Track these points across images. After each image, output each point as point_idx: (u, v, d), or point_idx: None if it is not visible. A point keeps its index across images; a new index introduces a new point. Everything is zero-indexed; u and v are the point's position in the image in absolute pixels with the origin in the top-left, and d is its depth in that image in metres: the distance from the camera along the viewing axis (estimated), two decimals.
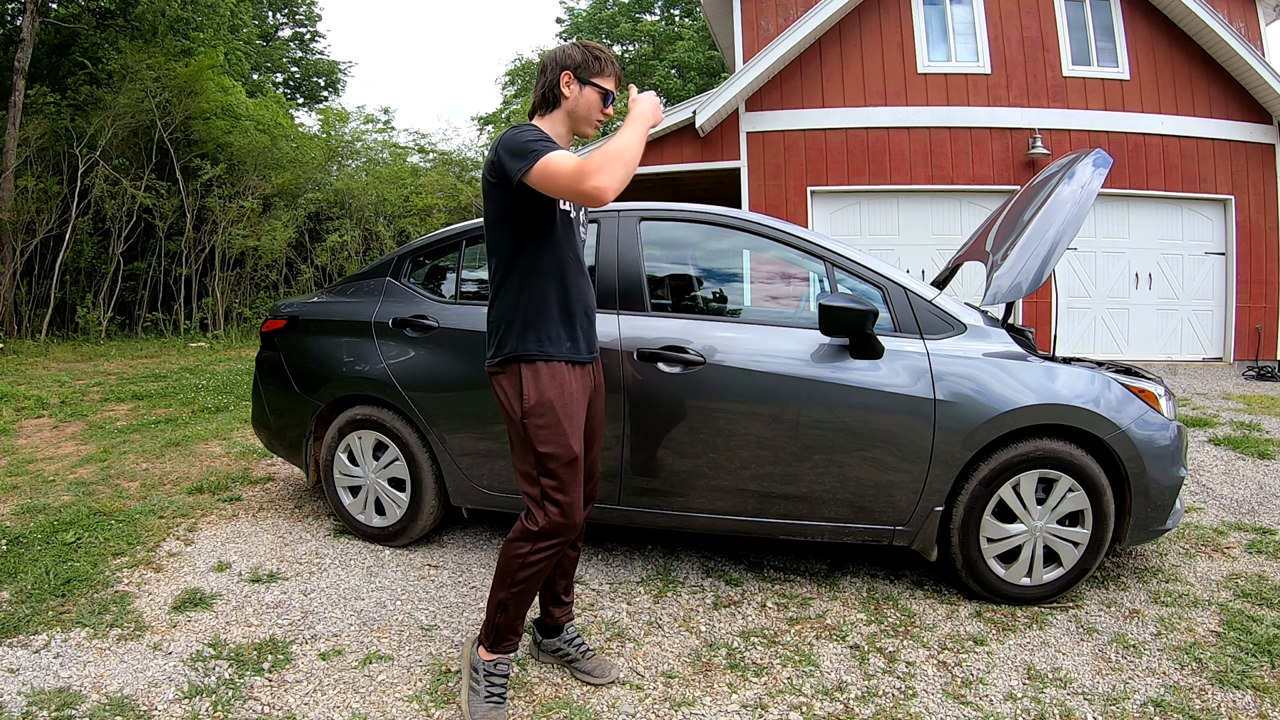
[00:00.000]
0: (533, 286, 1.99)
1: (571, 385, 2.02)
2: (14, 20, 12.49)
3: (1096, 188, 2.81)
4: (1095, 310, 9.18)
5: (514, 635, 2.07)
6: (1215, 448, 4.82)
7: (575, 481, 2.02)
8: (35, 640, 2.40)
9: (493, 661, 2.05)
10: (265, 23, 24.50)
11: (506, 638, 2.06)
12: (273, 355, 3.45)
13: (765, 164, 9.16)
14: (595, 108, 2.04)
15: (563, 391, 1.99)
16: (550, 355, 2.00)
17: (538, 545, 2.02)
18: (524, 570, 2.02)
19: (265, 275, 13.71)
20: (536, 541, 2.02)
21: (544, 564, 2.03)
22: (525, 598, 2.05)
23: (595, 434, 2.21)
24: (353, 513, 3.25)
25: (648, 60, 26.78)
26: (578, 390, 2.05)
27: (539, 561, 2.02)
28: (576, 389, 2.04)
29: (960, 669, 2.28)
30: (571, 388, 2.02)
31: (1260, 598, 2.71)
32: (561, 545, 2.04)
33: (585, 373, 2.09)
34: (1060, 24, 8.99)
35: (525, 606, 2.07)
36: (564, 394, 2.00)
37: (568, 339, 2.02)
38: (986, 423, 2.56)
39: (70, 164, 11.60)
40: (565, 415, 1.99)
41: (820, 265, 2.83)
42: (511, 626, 2.06)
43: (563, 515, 2.01)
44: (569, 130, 2.08)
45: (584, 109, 2.03)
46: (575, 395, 2.03)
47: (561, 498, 2.00)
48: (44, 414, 6.07)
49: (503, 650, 2.06)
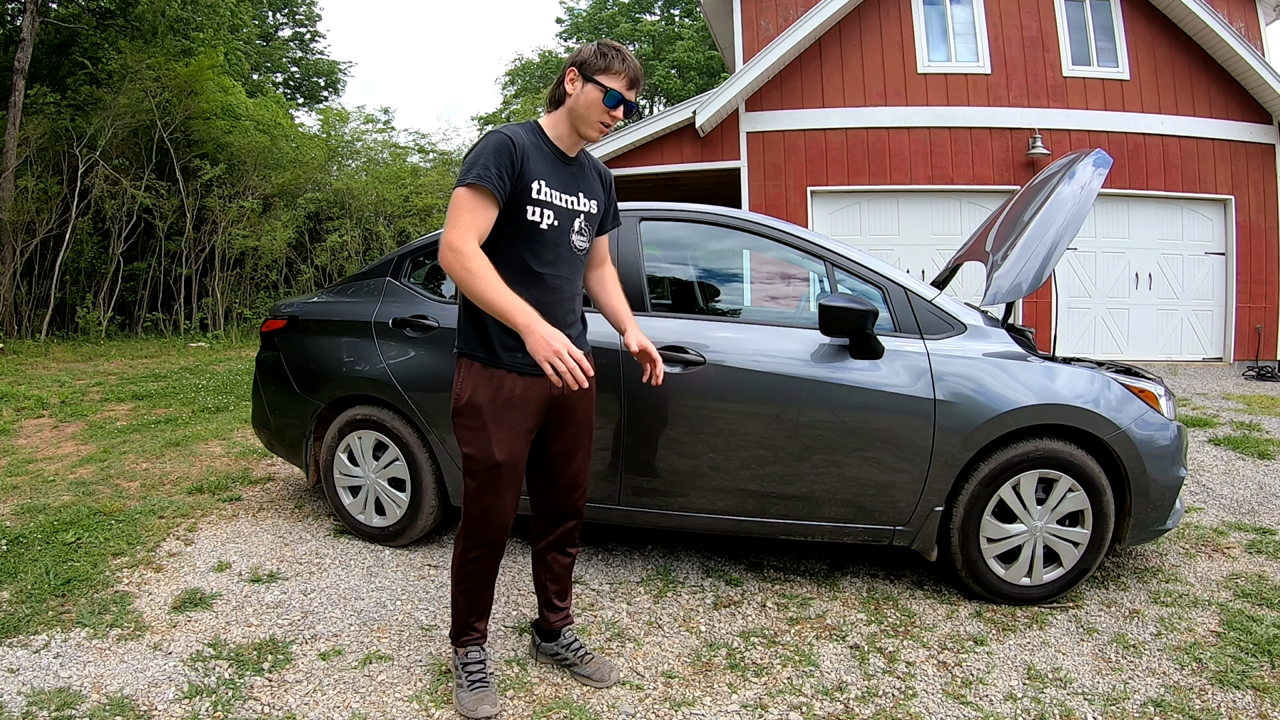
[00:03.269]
0: None
1: (512, 393, 1.96)
2: (14, 20, 12.49)
3: (1096, 188, 2.81)
4: (1095, 310, 9.18)
5: (472, 630, 2.12)
6: (1215, 448, 4.82)
7: (495, 489, 1.99)
8: (35, 640, 2.40)
9: (462, 654, 2.11)
10: (265, 23, 24.50)
11: (465, 632, 2.12)
12: (273, 355, 3.45)
13: (765, 164, 9.16)
14: (595, 107, 1.93)
15: (496, 398, 1.94)
16: (489, 360, 1.96)
17: (466, 545, 2.07)
18: (462, 569, 2.08)
19: (265, 275, 13.71)
20: (465, 541, 2.07)
21: (478, 565, 2.07)
22: (472, 595, 2.10)
23: (575, 446, 2.14)
24: (353, 513, 3.25)
25: (648, 60, 26.78)
26: (524, 399, 1.97)
27: (473, 562, 2.06)
28: (521, 398, 1.97)
29: (960, 669, 2.28)
30: (511, 396, 1.96)
31: (1260, 598, 2.71)
32: (488, 550, 2.05)
33: (540, 383, 1.98)
34: (1060, 24, 8.99)
35: (476, 604, 2.11)
36: (497, 400, 1.95)
37: (519, 348, 1.90)
38: (986, 423, 2.56)
39: (70, 164, 11.59)
40: (494, 421, 1.95)
41: (820, 265, 2.83)
42: (466, 622, 2.11)
43: (480, 519, 2.02)
44: (571, 130, 1.99)
45: (583, 107, 1.94)
46: (515, 404, 1.96)
47: (478, 502, 2.01)
48: (44, 414, 6.07)
49: (464, 644, 2.12)
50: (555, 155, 2.01)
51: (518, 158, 1.89)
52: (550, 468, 2.14)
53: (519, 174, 1.90)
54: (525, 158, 1.91)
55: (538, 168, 1.94)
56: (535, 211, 1.93)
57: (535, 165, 1.94)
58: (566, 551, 2.25)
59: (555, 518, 2.20)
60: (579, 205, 2.05)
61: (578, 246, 2.05)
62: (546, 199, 1.95)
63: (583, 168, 2.10)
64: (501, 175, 1.86)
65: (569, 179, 2.03)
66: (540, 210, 1.94)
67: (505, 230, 1.93)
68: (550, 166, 1.98)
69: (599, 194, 2.14)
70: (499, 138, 1.89)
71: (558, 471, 2.15)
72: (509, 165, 1.87)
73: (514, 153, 1.88)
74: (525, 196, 1.92)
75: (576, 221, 2.03)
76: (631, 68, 1.93)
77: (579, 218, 2.04)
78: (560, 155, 2.02)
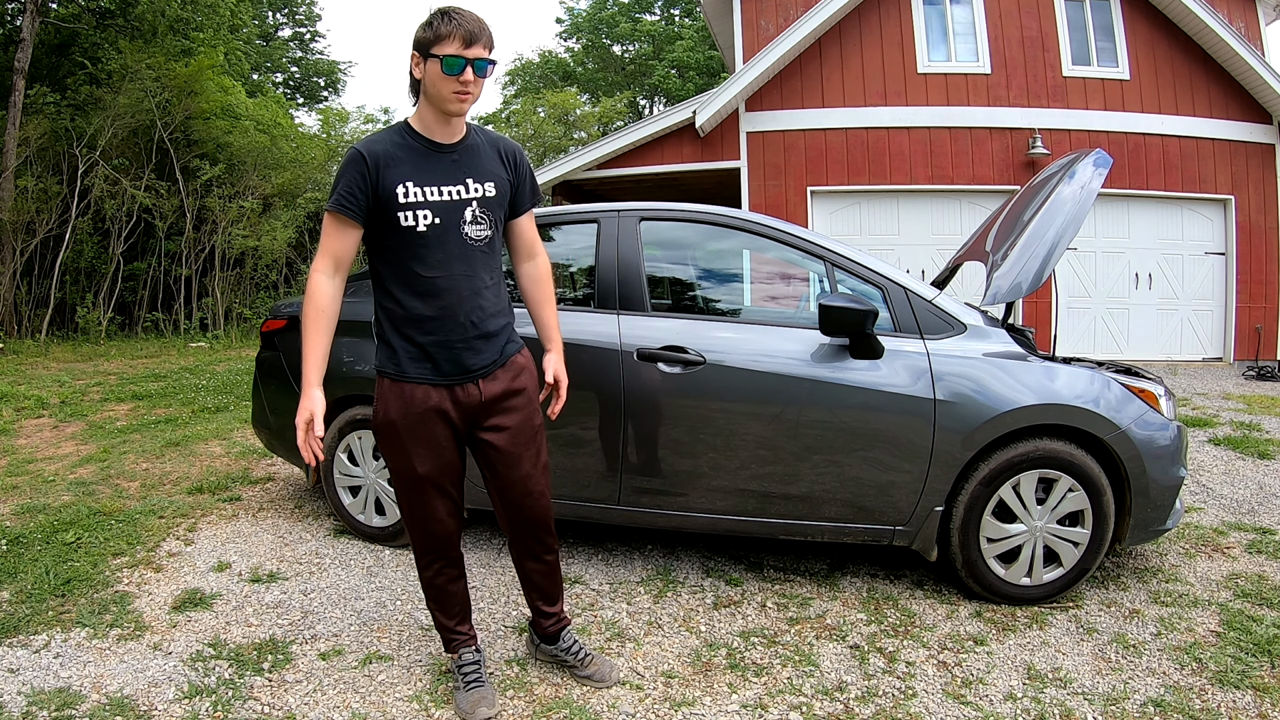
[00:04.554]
0: (383, 302, 1.97)
1: (425, 404, 1.92)
2: (14, 20, 12.49)
3: (1096, 188, 2.81)
4: (1095, 310, 9.18)
5: (456, 634, 2.14)
6: (1215, 448, 4.82)
7: (424, 502, 1.99)
8: (35, 640, 2.40)
9: (455, 658, 2.13)
10: (265, 23, 24.50)
11: (449, 639, 2.15)
12: (273, 355, 3.45)
13: (765, 164, 9.16)
14: (440, 80, 1.80)
15: (409, 412, 1.91)
16: (396, 375, 1.93)
17: (418, 560, 2.10)
18: (423, 582, 2.12)
19: (265, 275, 13.72)
20: (416, 557, 2.10)
21: (434, 576, 2.09)
22: (442, 604, 2.13)
23: (518, 451, 2.03)
24: (353, 513, 3.25)
25: (648, 60, 26.79)
26: (440, 409, 1.93)
27: (430, 571, 2.08)
28: (437, 408, 1.93)
29: (960, 669, 2.28)
30: (425, 408, 1.92)
31: (1260, 598, 2.70)
32: (439, 559, 2.06)
33: (456, 392, 1.94)
34: (1060, 24, 8.99)
35: (450, 611, 2.13)
36: (410, 415, 1.91)
37: (425, 359, 1.91)
38: (986, 423, 2.56)
39: (70, 164, 11.60)
40: (409, 436, 1.93)
41: (820, 265, 2.83)
42: (448, 628, 2.14)
43: (420, 533, 2.04)
44: (435, 114, 1.88)
45: (431, 85, 1.83)
46: (430, 415, 1.92)
47: (413, 516, 2.03)
48: (44, 414, 6.07)
49: (455, 648, 2.14)
50: (427, 148, 1.90)
51: (370, 169, 1.84)
52: (496, 477, 2.05)
53: (376, 184, 1.84)
54: (380, 166, 1.84)
55: (401, 170, 1.86)
56: (408, 215, 1.86)
57: (397, 169, 1.86)
58: (541, 559, 2.16)
59: (516, 527, 2.12)
60: (467, 193, 1.92)
61: (473, 237, 1.93)
62: (417, 199, 1.86)
63: (471, 150, 1.95)
64: (353, 194, 1.84)
65: (449, 169, 1.91)
66: (413, 213, 1.86)
67: (386, 242, 1.90)
68: (420, 163, 1.88)
69: (498, 173, 1.98)
70: (350, 155, 1.87)
71: (505, 480, 2.04)
72: (359, 181, 1.84)
73: (365, 166, 1.84)
74: (394, 203, 1.85)
75: (467, 211, 1.91)
76: (462, 25, 1.79)
77: (469, 207, 1.92)
78: (433, 146, 1.90)
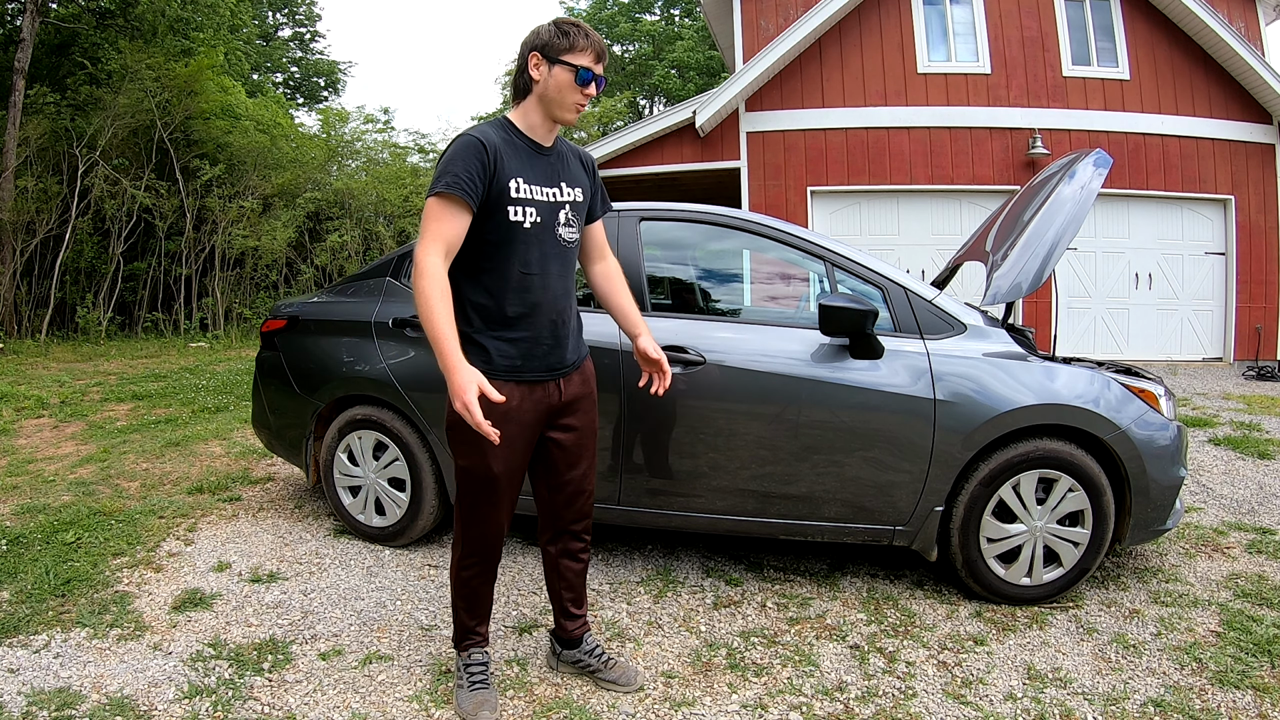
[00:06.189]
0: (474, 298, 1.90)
1: (509, 404, 1.86)
2: (14, 20, 12.49)
3: (1096, 188, 2.81)
4: (1095, 310, 9.18)
5: (474, 634, 2.13)
6: (1215, 448, 4.82)
7: (491, 503, 1.95)
8: (35, 640, 2.40)
9: (465, 656, 2.11)
10: (265, 23, 24.50)
11: (467, 636, 2.13)
12: (273, 355, 3.45)
13: (765, 164, 9.16)
14: (567, 88, 1.83)
15: (493, 410, 1.79)
16: (484, 370, 1.83)
17: (462, 555, 2.06)
18: (459, 578, 2.08)
19: (265, 275, 13.72)
20: (460, 550, 2.06)
21: (475, 574, 2.06)
22: (471, 602, 2.10)
23: (580, 452, 2.07)
24: (353, 513, 3.25)
25: (648, 60, 26.79)
26: (521, 410, 1.91)
27: (469, 569, 2.06)
28: (518, 409, 1.90)
29: (960, 669, 2.28)
30: (508, 407, 1.86)
31: (1260, 598, 2.71)
32: (483, 560, 2.04)
33: (537, 391, 1.94)
34: (1060, 24, 8.99)
35: (476, 610, 2.11)
36: (494, 413, 1.80)
37: (515, 357, 1.89)
38: (986, 423, 2.56)
39: (70, 164, 11.59)
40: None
41: (820, 265, 2.83)
42: (467, 626, 2.12)
43: (475, 532, 2.01)
44: (545, 117, 1.90)
45: (554, 91, 1.84)
46: (512, 415, 1.88)
47: (474, 515, 1.99)
48: (44, 414, 6.07)
49: (467, 648, 2.12)
50: (530, 148, 1.92)
51: (490, 158, 1.81)
52: (554, 475, 2.07)
53: (494, 175, 1.82)
54: (499, 157, 1.83)
55: (513, 165, 1.86)
56: (518, 211, 1.86)
57: (510, 163, 1.85)
58: (578, 558, 2.18)
59: (562, 524, 2.14)
60: (562, 196, 1.95)
61: (566, 240, 1.97)
62: (527, 196, 1.87)
63: (561, 156, 2.00)
64: (473, 179, 1.78)
65: (548, 170, 1.94)
66: (522, 209, 1.86)
67: (488, 235, 1.86)
68: (526, 161, 1.89)
69: (583, 180, 2.04)
70: (468, 140, 1.82)
71: (563, 479, 2.07)
72: (480, 168, 1.80)
73: (485, 154, 1.80)
74: (505, 197, 1.84)
75: (561, 214, 1.95)
76: (595, 42, 1.85)
77: (564, 209, 1.96)
78: (535, 147, 1.92)
